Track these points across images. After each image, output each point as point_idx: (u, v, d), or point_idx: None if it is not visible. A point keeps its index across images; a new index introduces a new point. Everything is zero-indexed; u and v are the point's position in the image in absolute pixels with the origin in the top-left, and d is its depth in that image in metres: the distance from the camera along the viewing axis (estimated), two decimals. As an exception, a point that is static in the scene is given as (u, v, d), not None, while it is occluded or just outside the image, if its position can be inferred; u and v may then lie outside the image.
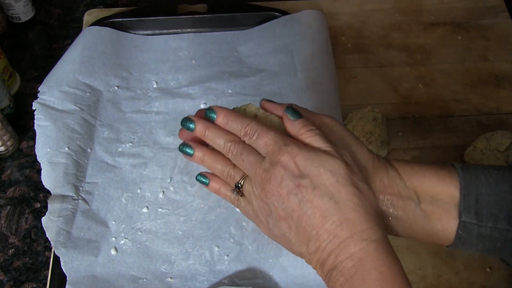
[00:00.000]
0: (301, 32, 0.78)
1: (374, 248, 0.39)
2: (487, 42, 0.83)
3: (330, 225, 0.40)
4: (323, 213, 0.40)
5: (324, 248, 0.40)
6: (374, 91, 0.78)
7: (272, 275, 0.60)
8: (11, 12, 0.83)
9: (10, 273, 0.64)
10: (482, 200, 0.44)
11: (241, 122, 0.46)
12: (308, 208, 0.41)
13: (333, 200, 0.40)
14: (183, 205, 0.64)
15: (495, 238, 0.44)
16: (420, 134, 0.74)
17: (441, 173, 0.46)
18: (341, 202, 0.40)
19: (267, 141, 0.44)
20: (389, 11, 0.87)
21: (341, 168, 0.41)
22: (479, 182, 0.44)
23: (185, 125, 0.49)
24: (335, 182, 0.40)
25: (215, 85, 0.74)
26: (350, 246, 0.39)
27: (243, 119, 0.46)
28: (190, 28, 0.81)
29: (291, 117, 0.45)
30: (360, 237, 0.39)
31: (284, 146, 0.42)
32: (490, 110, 0.76)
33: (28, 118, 0.75)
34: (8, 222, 0.67)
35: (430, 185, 0.45)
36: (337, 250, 0.39)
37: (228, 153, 0.46)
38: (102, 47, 0.76)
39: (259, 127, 0.45)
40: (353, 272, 0.38)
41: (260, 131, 0.45)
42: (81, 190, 0.64)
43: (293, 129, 0.45)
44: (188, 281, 0.60)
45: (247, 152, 0.45)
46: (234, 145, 0.46)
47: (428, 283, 0.62)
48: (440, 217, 0.45)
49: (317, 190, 0.40)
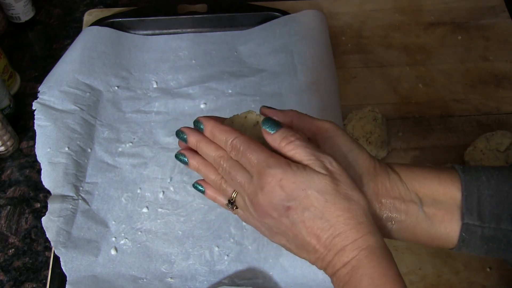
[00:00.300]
0: (301, 32, 0.78)
1: (365, 256, 0.40)
2: (487, 42, 0.83)
3: (325, 241, 0.41)
4: (316, 232, 0.41)
5: (323, 258, 0.42)
6: (374, 91, 0.78)
7: (272, 275, 0.60)
8: (11, 12, 0.83)
9: (10, 273, 0.64)
10: (484, 201, 0.44)
11: (225, 137, 0.45)
12: (301, 228, 0.41)
13: (324, 219, 0.41)
14: (183, 205, 0.64)
15: (499, 239, 0.44)
16: (420, 134, 0.74)
17: (442, 176, 0.46)
18: (332, 219, 0.41)
19: (251, 161, 0.43)
20: (389, 11, 0.87)
21: (327, 185, 0.41)
22: (481, 183, 0.44)
23: (179, 136, 0.49)
24: (323, 201, 0.41)
25: (215, 85, 0.74)
26: (343, 256, 0.40)
27: (228, 134, 0.45)
28: (190, 28, 0.81)
29: (269, 130, 0.44)
30: (352, 247, 0.40)
31: (267, 168, 0.42)
32: (490, 110, 0.76)
33: (28, 118, 0.75)
34: (8, 222, 0.67)
35: (432, 187, 0.45)
36: (333, 261, 0.41)
37: (218, 168, 0.46)
38: (102, 47, 0.76)
39: (243, 144, 0.44)
40: (347, 279, 0.40)
41: (244, 148, 0.43)
42: (81, 190, 0.64)
43: (273, 143, 0.44)
44: (188, 281, 0.60)
45: (235, 170, 0.45)
46: (223, 161, 0.45)
47: (428, 283, 0.62)
48: (442, 219, 0.45)
49: (306, 212, 0.41)
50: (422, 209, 0.45)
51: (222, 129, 0.45)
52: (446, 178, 0.45)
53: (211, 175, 0.48)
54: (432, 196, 0.45)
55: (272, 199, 0.42)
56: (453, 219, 0.44)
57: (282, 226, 0.42)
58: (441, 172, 0.46)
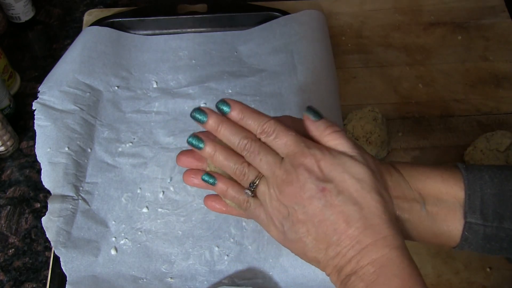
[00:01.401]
0: (301, 32, 0.78)
1: (396, 255, 0.38)
2: (487, 42, 0.83)
3: (354, 231, 0.39)
4: (347, 219, 0.39)
5: (344, 253, 0.40)
6: (374, 91, 0.78)
7: (272, 275, 0.60)
8: (11, 12, 0.83)
9: (10, 273, 0.64)
10: (487, 200, 0.43)
11: (258, 119, 0.44)
12: (332, 213, 0.40)
13: (357, 206, 0.39)
14: (183, 205, 0.64)
15: (501, 238, 0.44)
16: (420, 134, 0.74)
17: (445, 174, 0.45)
18: (365, 209, 0.39)
19: (287, 142, 0.42)
20: (389, 11, 0.87)
21: (367, 175, 0.40)
22: (484, 182, 0.44)
23: (195, 116, 0.45)
24: (360, 188, 0.40)
25: (215, 85, 0.74)
26: (372, 252, 0.39)
27: (260, 116, 0.44)
28: (190, 28, 0.81)
29: (313, 117, 0.43)
30: (383, 244, 0.39)
31: (306, 148, 0.41)
32: (490, 110, 0.76)
33: (28, 118, 0.75)
34: (8, 222, 0.67)
35: (435, 186, 0.45)
36: (358, 256, 0.39)
37: (243, 151, 0.44)
38: (102, 47, 0.76)
39: (278, 126, 0.43)
40: (374, 278, 0.38)
41: (279, 130, 0.43)
42: (81, 190, 0.64)
43: (316, 130, 0.43)
44: (188, 281, 0.60)
45: (264, 151, 0.43)
46: (251, 142, 0.43)
47: (428, 283, 0.62)
48: (445, 218, 0.45)
49: (341, 195, 0.40)
50: (424, 207, 0.45)
51: (254, 110, 0.44)
52: (449, 177, 0.45)
53: (230, 163, 0.45)
54: (434, 195, 0.45)
55: (307, 177, 0.40)
56: (455, 217, 0.44)
57: (310, 211, 0.40)
58: (444, 170, 0.46)
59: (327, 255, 0.41)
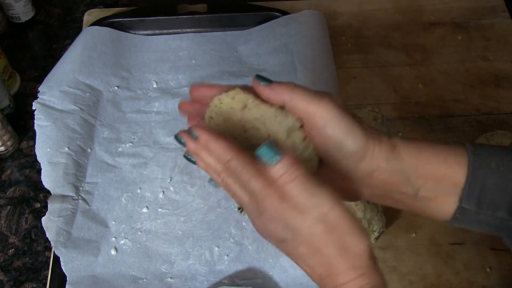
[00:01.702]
0: (301, 32, 0.78)
1: None
2: (487, 42, 0.83)
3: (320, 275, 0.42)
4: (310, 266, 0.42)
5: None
6: (374, 91, 0.78)
7: (272, 275, 0.60)
8: (11, 12, 0.83)
9: (10, 273, 0.64)
10: (487, 190, 0.43)
11: (221, 154, 0.42)
12: (296, 259, 0.43)
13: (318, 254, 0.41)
14: (183, 205, 0.64)
15: (494, 225, 0.44)
16: (420, 134, 0.74)
17: (450, 158, 0.44)
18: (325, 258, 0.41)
19: (247, 187, 0.41)
20: (389, 11, 0.86)
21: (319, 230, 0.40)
22: (489, 170, 0.43)
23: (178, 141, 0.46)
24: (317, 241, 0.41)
25: (215, 85, 0.74)
26: None
27: (223, 151, 0.42)
28: (190, 28, 0.81)
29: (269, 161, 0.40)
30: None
31: (263, 200, 0.41)
32: (490, 110, 0.76)
33: (28, 118, 0.75)
34: (8, 222, 0.67)
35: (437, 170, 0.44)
36: None
37: (218, 180, 0.44)
38: (102, 47, 0.76)
39: (236, 170, 0.41)
40: None
41: (237, 175, 0.41)
42: (81, 190, 0.64)
43: (273, 173, 0.41)
44: (188, 281, 0.60)
45: (234, 186, 0.42)
46: (222, 174, 0.43)
47: (428, 283, 0.62)
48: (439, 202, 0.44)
49: (301, 247, 0.41)
50: (417, 196, 0.44)
51: (218, 145, 0.42)
52: (453, 162, 0.44)
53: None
54: (434, 179, 0.44)
55: (267, 229, 0.42)
56: (450, 200, 0.44)
57: (280, 250, 0.44)
58: (450, 153, 0.44)
59: None
